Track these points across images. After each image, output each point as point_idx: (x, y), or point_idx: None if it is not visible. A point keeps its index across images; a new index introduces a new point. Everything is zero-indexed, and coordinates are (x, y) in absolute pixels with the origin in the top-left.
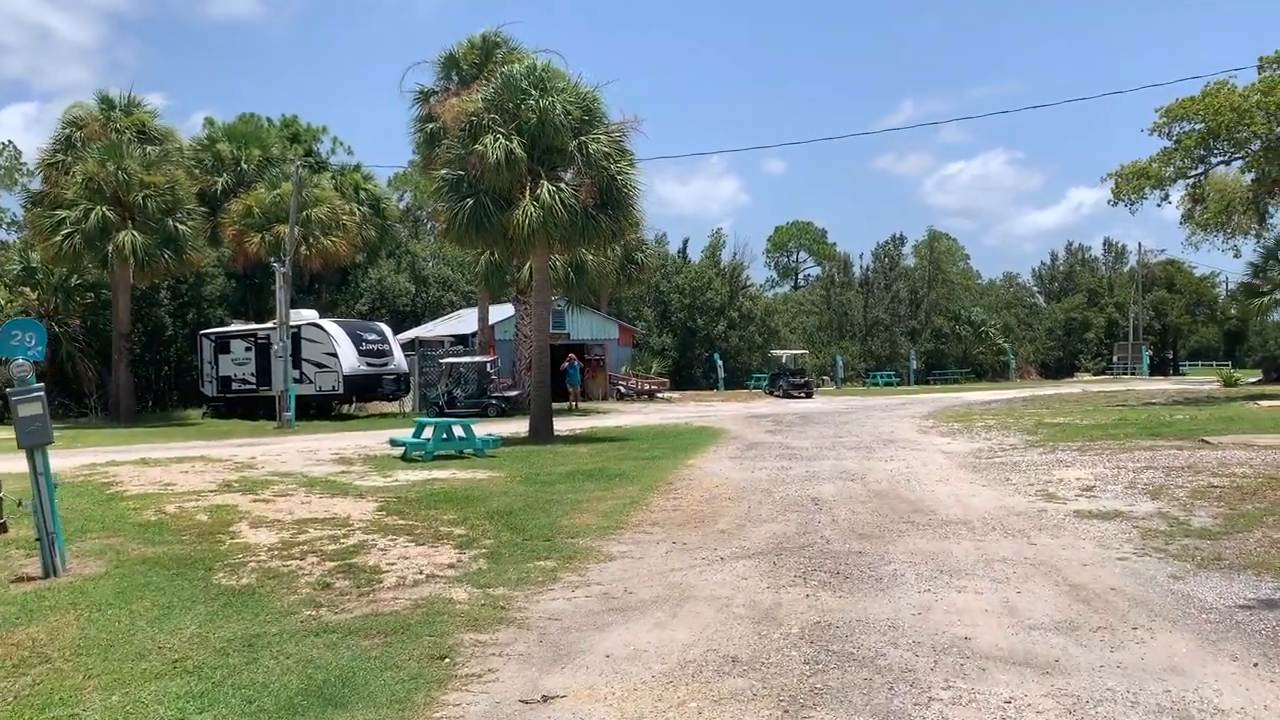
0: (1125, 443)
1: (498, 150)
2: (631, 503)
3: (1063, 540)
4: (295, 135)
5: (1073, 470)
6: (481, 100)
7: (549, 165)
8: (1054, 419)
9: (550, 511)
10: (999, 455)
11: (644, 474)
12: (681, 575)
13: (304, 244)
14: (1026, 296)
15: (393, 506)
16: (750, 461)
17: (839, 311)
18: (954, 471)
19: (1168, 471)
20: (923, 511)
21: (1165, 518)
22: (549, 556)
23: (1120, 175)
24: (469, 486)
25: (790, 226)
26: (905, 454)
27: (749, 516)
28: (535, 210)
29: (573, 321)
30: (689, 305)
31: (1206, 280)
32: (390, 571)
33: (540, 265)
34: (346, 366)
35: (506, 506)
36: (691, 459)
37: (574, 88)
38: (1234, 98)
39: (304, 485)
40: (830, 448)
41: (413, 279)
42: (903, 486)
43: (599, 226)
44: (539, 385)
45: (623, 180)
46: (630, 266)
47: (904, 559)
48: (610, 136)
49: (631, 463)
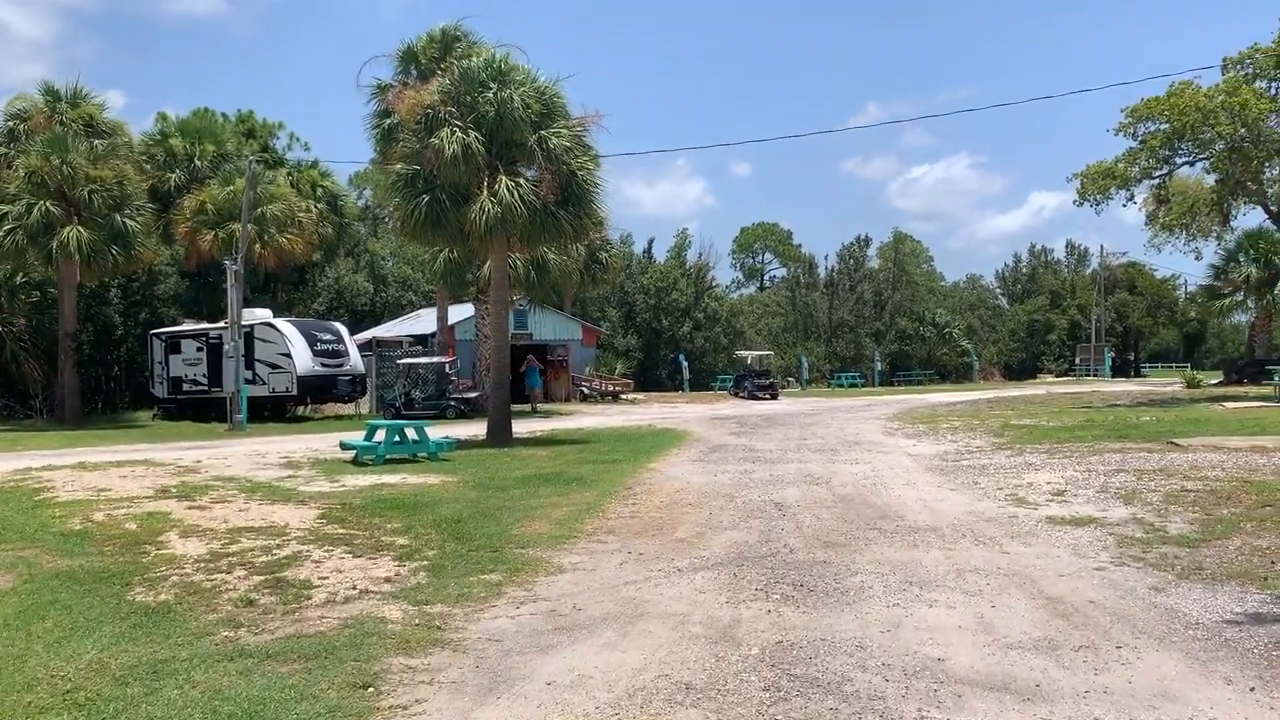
0: (1094, 445)
1: (454, 144)
2: (587, 509)
3: (1036, 548)
4: (251, 131)
5: (1042, 474)
6: (438, 93)
7: (508, 160)
8: (1020, 421)
9: (501, 519)
10: (966, 458)
11: (603, 478)
12: (636, 589)
13: (258, 242)
14: (990, 298)
15: (335, 514)
16: (713, 465)
17: (804, 313)
18: (921, 475)
19: (1139, 475)
20: (890, 517)
21: (1140, 524)
22: (495, 569)
23: (1086, 175)
24: (418, 492)
25: (755, 228)
26: (871, 457)
27: (709, 524)
28: (493, 206)
29: (535, 322)
30: (654, 306)
31: (1167, 283)
32: (321, 587)
33: (499, 263)
34: (301, 367)
35: (455, 514)
36: (653, 462)
37: (534, 81)
38: (1199, 98)
39: (245, 491)
40: (795, 450)
41: (371, 278)
42: (869, 491)
43: (559, 224)
44: (497, 387)
45: (584, 176)
46: (594, 266)
47: (871, 569)
48: (571, 131)
49: (591, 467)
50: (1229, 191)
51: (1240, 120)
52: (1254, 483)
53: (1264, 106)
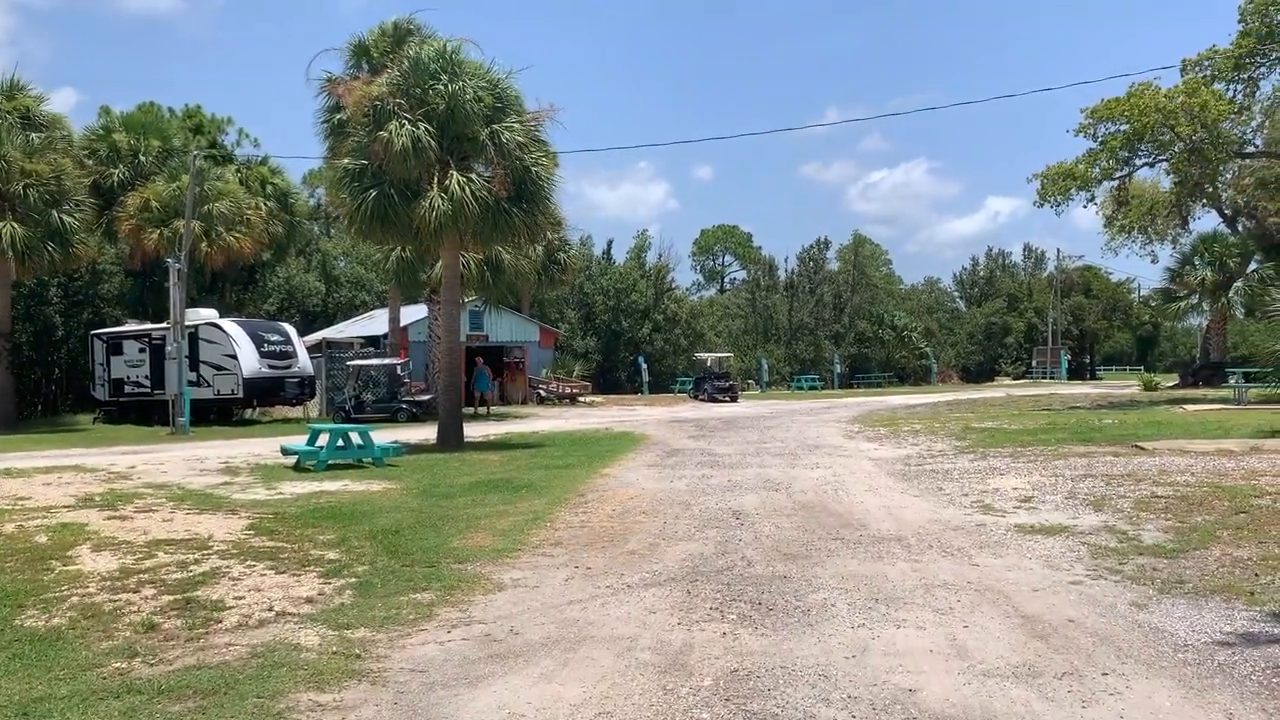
0: (1058, 449)
1: (403, 137)
2: (535, 519)
3: (1007, 560)
4: (199, 126)
5: (1008, 479)
6: (386, 84)
7: (460, 155)
8: (981, 423)
9: (442, 530)
10: (928, 462)
11: (554, 485)
12: (581, 609)
13: (205, 240)
14: (947, 301)
15: (265, 525)
16: (669, 470)
17: (764, 315)
18: (883, 480)
19: (1108, 480)
20: (852, 526)
21: (1113, 533)
22: (428, 587)
23: (1046, 176)
24: (358, 500)
25: (716, 230)
26: (831, 461)
27: (663, 534)
28: (444, 202)
29: (491, 322)
30: (613, 307)
31: (1122, 286)
32: (234, 608)
33: (450, 261)
34: (246, 369)
35: (394, 524)
36: (607, 467)
37: (486, 73)
38: (1159, 98)
39: (175, 499)
40: (754, 454)
41: (324, 278)
42: (830, 497)
43: (512, 221)
44: (448, 389)
45: (538, 172)
46: (553, 267)
47: (834, 584)
48: (525, 125)
49: (542, 472)
50: (1188, 193)
51: (1200, 121)
52: (1225, 488)
53: (1223, 108)
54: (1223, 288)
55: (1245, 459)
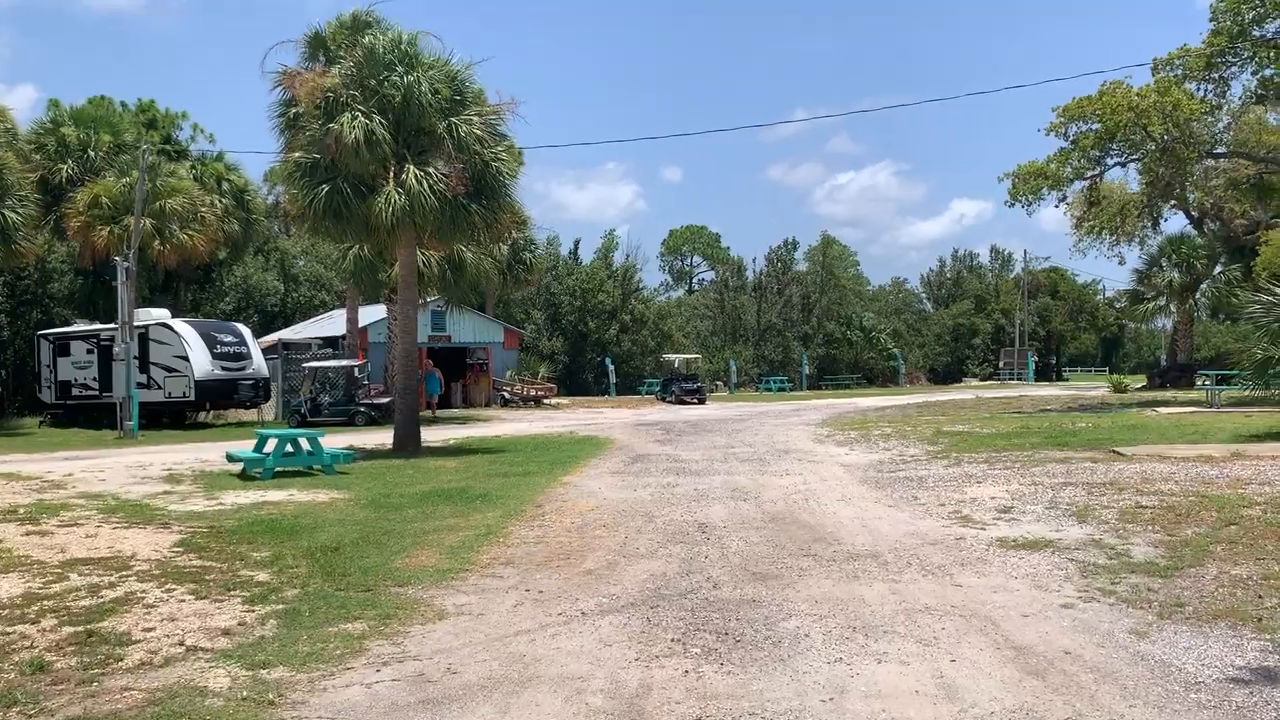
0: (1034, 454)
1: (356, 130)
2: (487, 533)
3: (991, 580)
4: (152, 121)
5: (985, 487)
6: (340, 76)
7: (417, 149)
8: (953, 427)
9: (386, 547)
10: (901, 468)
11: (511, 495)
12: (528, 642)
13: (158, 238)
14: (915, 302)
15: (197, 541)
16: (633, 477)
17: (732, 316)
18: (856, 488)
19: (1089, 489)
20: (825, 540)
21: (1101, 547)
22: (362, 615)
23: (1017, 175)
24: (302, 512)
25: (684, 230)
26: (802, 467)
27: (624, 550)
28: (399, 197)
29: (454, 323)
30: (580, 308)
31: (1088, 288)
32: (142, 642)
33: (407, 259)
34: (199, 370)
35: (335, 540)
36: (569, 475)
37: (445, 65)
38: (1131, 97)
39: (106, 511)
40: (721, 460)
41: (282, 277)
42: (801, 508)
43: (472, 217)
44: (404, 392)
45: (498, 167)
46: (518, 267)
47: (807, 609)
48: (484, 119)
49: (500, 480)
50: (1159, 194)
51: (1172, 121)
52: (1211, 497)
53: (1195, 107)
54: (1190, 289)
55: (1228, 466)
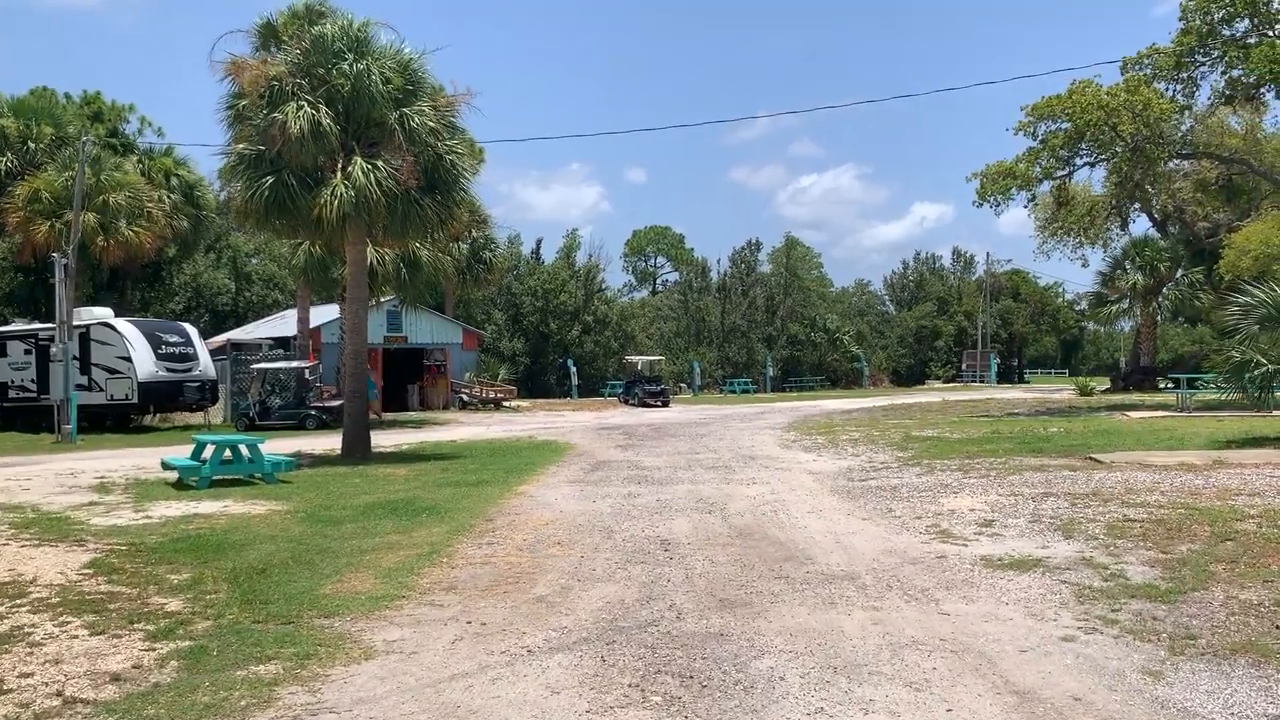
0: (1008, 460)
1: (302, 120)
2: (431, 553)
3: (981, 606)
4: (98, 113)
5: (963, 498)
6: (286, 64)
7: (367, 141)
8: (922, 431)
9: (318, 568)
10: (873, 476)
11: (460, 507)
12: (465, 688)
13: (102, 233)
14: (878, 304)
15: (111, 561)
16: (593, 487)
17: (696, 317)
18: (826, 499)
19: (1071, 500)
20: (797, 559)
21: (1093, 567)
22: (279, 653)
23: (985, 175)
24: (234, 527)
25: (648, 231)
26: (769, 475)
27: (579, 573)
28: (346, 191)
29: (410, 323)
30: (542, 309)
31: (1050, 290)
32: (13, 692)
33: (356, 256)
34: (142, 372)
35: (263, 560)
36: (525, 484)
37: (396, 54)
38: (1101, 95)
39: (19, 526)
40: (685, 467)
41: (234, 276)
42: (770, 521)
43: (424, 212)
44: (353, 395)
45: (452, 160)
46: (478, 266)
47: (782, 645)
48: (437, 110)
49: (451, 490)
50: (1127, 194)
51: (1143, 120)
52: (1201, 510)
53: (1166, 107)
54: (1153, 292)
55: (1212, 475)
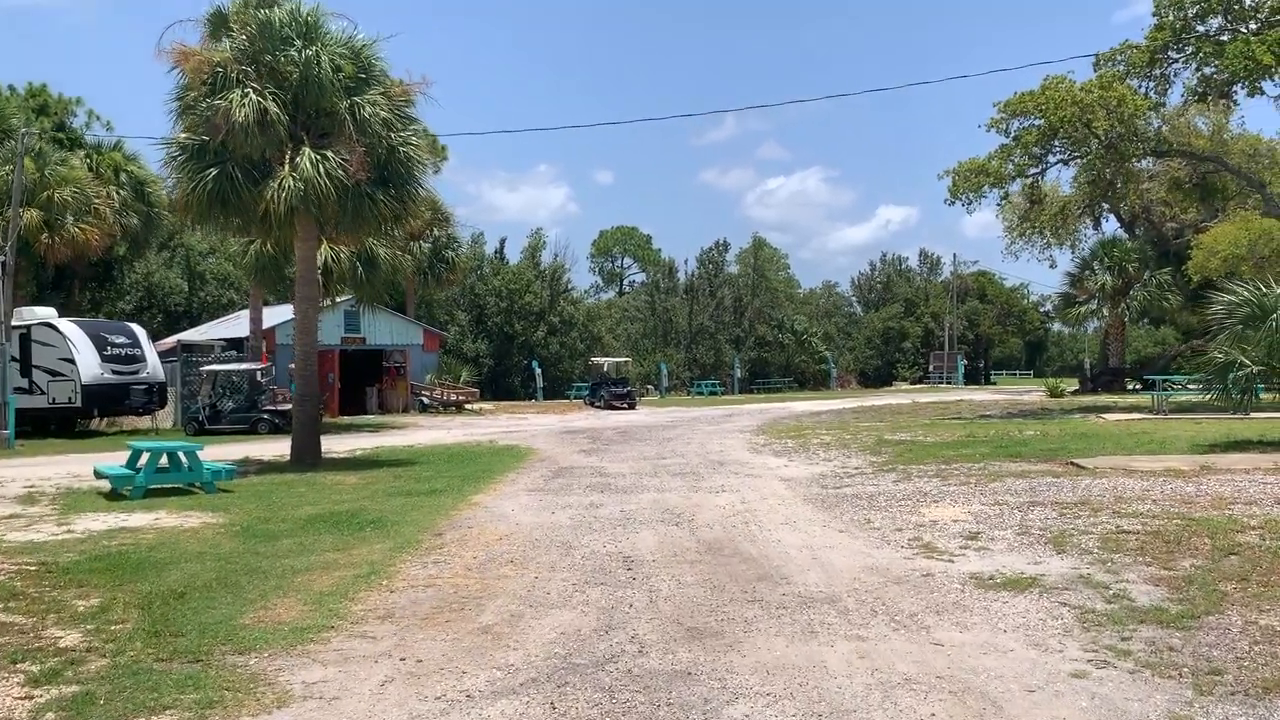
0: (986, 466)
1: (247, 108)
2: (370, 573)
3: (977, 634)
4: (43, 106)
5: (944, 507)
6: (231, 49)
7: (317, 132)
8: (894, 435)
9: (243, 592)
10: (847, 483)
11: (409, 519)
12: None
13: (47, 230)
14: (845, 306)
15: (13, 584)
16: (553, 496)
17: (663, 318)
18: (800, 508)
19: (1059, 509)
20: (772, 578)
21: (1093, 586)
22: (179, 700)
23: (957, 173)
24: (161, 543)
25: (615, 231)
26: (739, 482)
27: (532, 597)
28: (294, 183)
29: (369, 324)
30: (506, 309)
31: (1016, 291)
32: None
33: (305, 252)
34: (86, 375)
35: (185, 582)
36: (481, 493)
37: (347, 40)
38: (1075, 91)
39: None
40: (651, 474)
41: (187, 275)
42: (741, 534)
43: (376, 206)
44: (302, 399)
45: (406, 152)
46: (439, 265)
47: (758, 685)
48: (391, 99)
49: (401, 500)
50: (1100, 193)
51: (1117, 116)
52: (1198, 520)
53: (1140, 103)
54: (1122, 293)
55: (1203, 481)
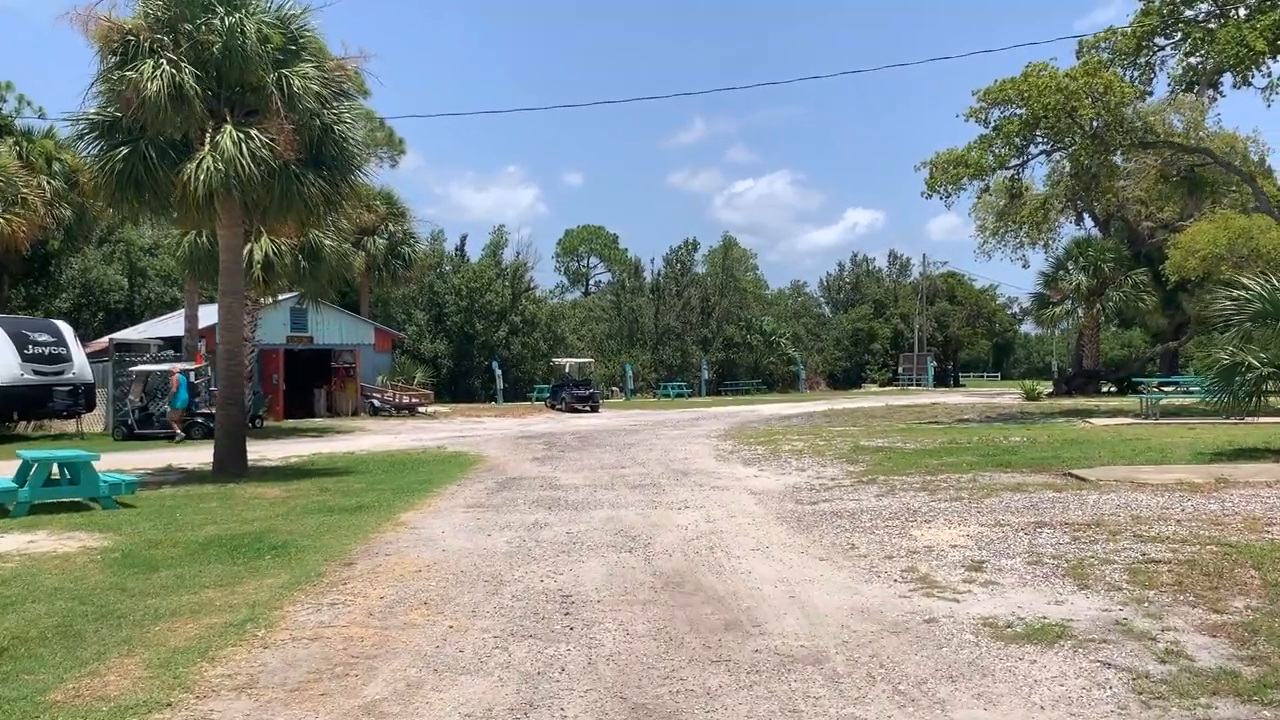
0: (976, 477)
1: (160, 80)
2: (247, 619)
3: (1008, 713)
4: None
5: (938, 529)
6: (144, 15)
7: (244, 109)
8: (870, 441)
9: (81, 646)
10: (824, 497)
11: (319, 544)
12: None
13: None
14: (814, 307)
15: None
16: (493, 514)
17: (629, 319)
18: (773, 528)
19: (1071, 532)
20: (741, 627)
21: (1136, 637)
22: None
23: (935, 164)
24: (16, 575)
25: (581, 230)
26: (704, 496)
27: (439, 657)
28: (214, 164)
29: (317, 322)
30: (467, 308)
31: (985, 293)
32: None
33: (230, 241)
34: (4, 375)
35: (19, 630)
36: (412, 510)
37: (277, 8)
38: (1059, 78)
39: None
40: (608, 486)
41: (128, 271)
42: (705, 563)
43: (307, 189)
44: (226, 403)
45: (342, 132)
46: (395, 262)
47: None
48: (325, 73)
49: (319, 519)
50: (1083, 186)
51: (1104, 105)
52: (1236, 547)
53: (1128, 91)
54: (1097, 293)
55: (1225, 497)
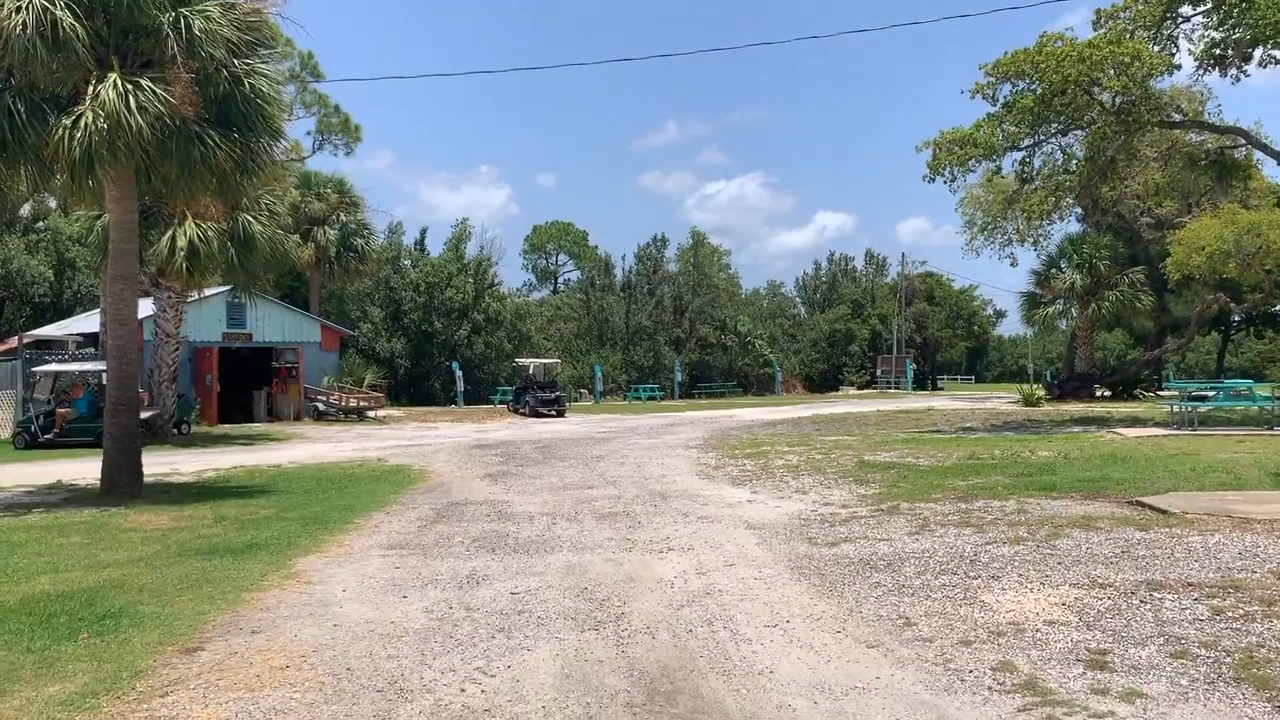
0: (1023, 505)
1: (27, 15)
2: None
3: None
4: None
5: (1015, 591)
6: None
7: (140, 60)
8: (875, 455)
9: None
10: (842, 534)
11: (169, 611)
12: None
13: None
14: (790, 307)
15: None
16: (419, 558)
17: (599, 318)
18: (789, 589)
19: (1204, 599)
20: None
21: None
22: None
23: (939, 144)
24: None
25: (549, 226)
26: (691, 531)
27: None
28: (94, 119)
29: (256, 318)
30: (425, 305)
31: (965, 293)
32: None
33: (121, 217)
34: None
35: None
36: (315, 551)
37: None
38: (1080, 48)
39: None
40: (570, 515)
41: (55, 263)
42: (703, 653)
43: (211, 152)
44: (116, 409)
45: (254, 84)
46: (348, 254)
47: None
48: (232, 18)
49: (190, 566)
50: (1098, 172)
51: (1130, 77)
52: None
53: (1158, 61)
54: (1092, 293)
55: None
